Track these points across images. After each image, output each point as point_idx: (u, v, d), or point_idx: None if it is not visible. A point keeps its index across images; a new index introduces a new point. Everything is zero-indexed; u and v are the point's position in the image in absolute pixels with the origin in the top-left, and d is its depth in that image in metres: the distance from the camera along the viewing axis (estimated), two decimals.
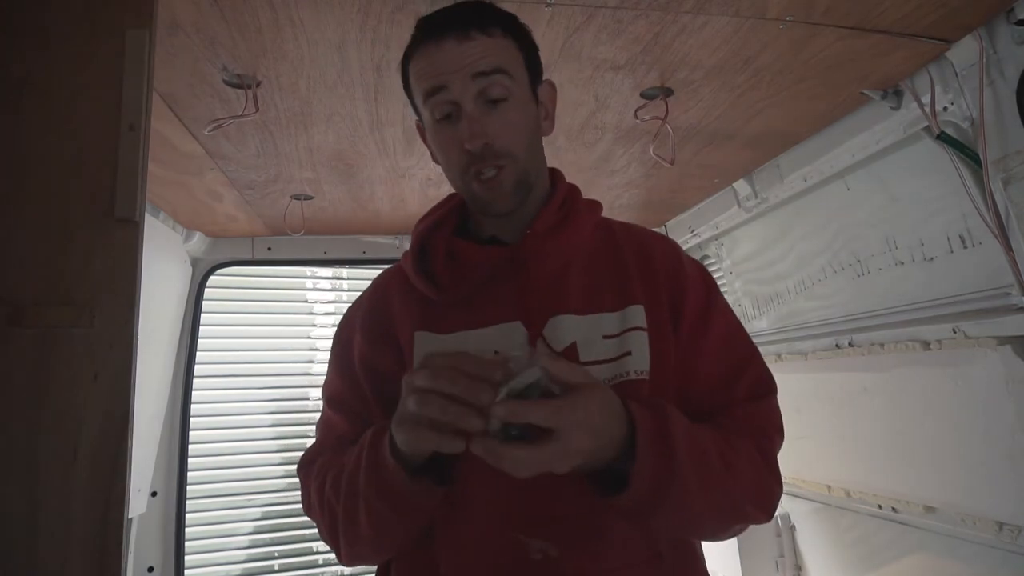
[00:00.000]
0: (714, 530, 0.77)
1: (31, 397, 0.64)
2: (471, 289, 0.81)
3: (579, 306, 0.80)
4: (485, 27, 0.75)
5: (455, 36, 0.74)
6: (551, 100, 0.86)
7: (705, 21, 0.98)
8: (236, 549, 2.42)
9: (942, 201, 1.31)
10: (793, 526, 1.92)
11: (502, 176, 0.77)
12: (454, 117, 0.76)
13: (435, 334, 0.81)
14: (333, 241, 2.15)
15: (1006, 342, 1.18)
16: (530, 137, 0.80)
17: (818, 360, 1.70)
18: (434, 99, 0.76)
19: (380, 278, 0.94)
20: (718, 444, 0.72)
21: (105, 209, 0.68)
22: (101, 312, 0.66)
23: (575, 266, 0.84)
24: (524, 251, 0.81)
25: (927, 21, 1.01)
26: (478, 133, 0.74)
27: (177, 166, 1.46)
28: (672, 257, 0.87)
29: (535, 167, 0.83)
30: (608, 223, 0.93)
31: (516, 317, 0.79)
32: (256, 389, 2.49)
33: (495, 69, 0.74)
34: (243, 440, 2.46)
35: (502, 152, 0.76)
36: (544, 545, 0.71)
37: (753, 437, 0.77)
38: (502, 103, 0.76)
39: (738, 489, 0.72)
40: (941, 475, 1.36)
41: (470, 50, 0.74)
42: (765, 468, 0.77)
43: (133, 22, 0.71)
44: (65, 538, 0.62)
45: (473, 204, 0.83)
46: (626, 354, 0.77)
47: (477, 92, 0.74)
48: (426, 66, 0.76)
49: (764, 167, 1.69)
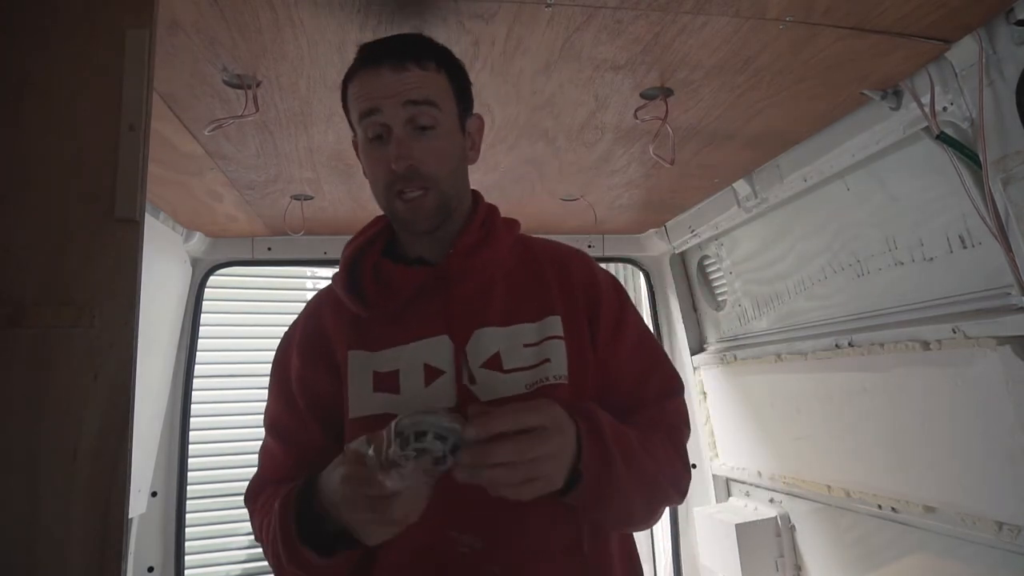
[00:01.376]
0: (644, 514, 0.84)
1: (31, 397, 0.64)
2: (399, 307, 0.87)
3: (500, 318, 0.86)
4: (420, 60, 0.81)
5: (391, 66, 0.80)
6: (478, 132, 0.92)
7: (705, 21, 0.98)
8: (236, 549, 2.42)
9: (942, 201, 1.31)
10: (793, 526, 1.92)
11: (425, 200, 0.82)
12: (384, 139, 0.82)
13: (368, 352, 0.86)
14: (333, 241, 2.15)
15: (1006, 342, 1.18)
16: (454, 165, 0.86)
17: (818, 360, 1.70)
18: (368, 120, 0.82)
19: (313, 300, 0.98)
20: (636, 434, 0.80)
21: (105, 209, 0.68)
22: (101, 312, 0.66)
23: (496, 281, 0.89)
24: (447, 269, 0.86)
25: (927, 21, 1.01)
26: (404, 155, 0.80)
27: (177, 166, 1.46)
28: (587, 270, 0.94)
29: (457, 192, 0.88)
30: (526, 240, 0.98)
31: (443, 331, 0.84)
32: (256, 389, 2.49)
33: (425, 100, 0.81)
34: (243, 440, 2.46)
35: (426, 175, 0.82)
36: (471, 540, 0.77)
37: (663, 428, 0.86)
38: (430, 131, 0.82)
39: (658, 470, 0.80)
40: (941, 475, 1.36)
41: (404, 80, 0.80)
42: (676, 454, 0.86)
43: (133, 22, 0.71)
44: (65, 538, 0.62)
45: (396, 222, 0.89)
46: (545, 361, 0.83)
47: (407, 118, 0.80)
48: (362, 90, 0.82)
49: (764, 167, 1.69)
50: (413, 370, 0.83)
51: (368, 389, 0.83)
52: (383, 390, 0.83)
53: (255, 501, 0.88)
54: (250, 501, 0.90)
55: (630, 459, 0.76)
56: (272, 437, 0.91)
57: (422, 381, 0.82)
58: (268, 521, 0.80)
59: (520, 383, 0.82)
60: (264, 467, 0.92)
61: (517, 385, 0.82)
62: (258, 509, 0.86)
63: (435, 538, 0.77)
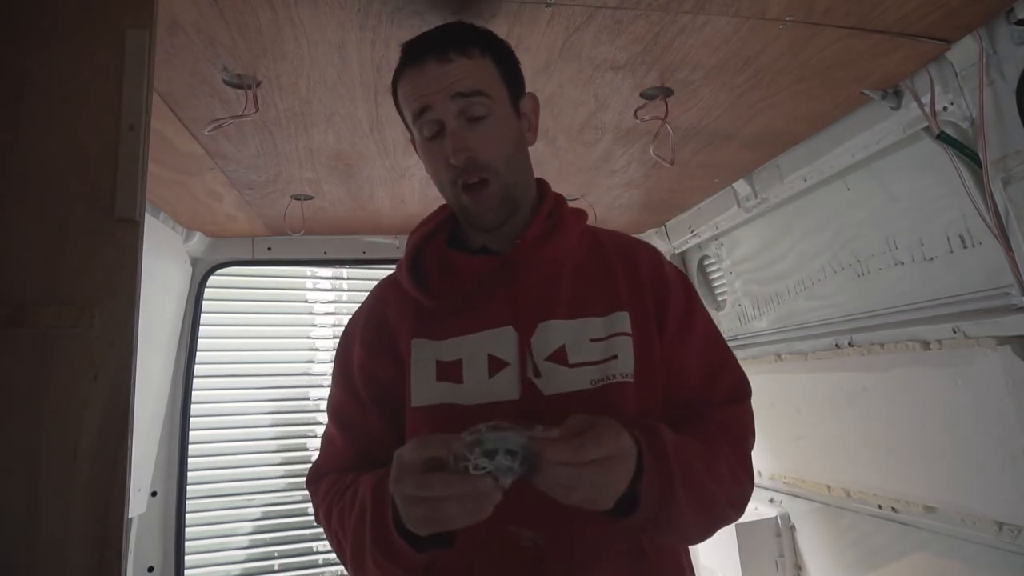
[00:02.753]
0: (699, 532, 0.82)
1: (31, 397, 0.64)
2: (463, 296, 0.85)
3: (567, 311, 0.84)
4: (464, 48, 0.80)
5: (435, 59, 0.79)
6: (534, 112, 0.90)
7: (705, 21, 0.98)
8: (236, 549, 2.42)
9: (942, 201, 1.31)
10: (793, 526, 1.92)
11: (487, 190, 0.81)
12: (440, 135, 0.81)
13: (432, 340, 0.85)
14: (333, 241, 2.15)
15: (1006, 342, 1.18)
16: (512, 150, 0.84)
17: (818, 360, 1.70)
18: (421, 119, 0.81)
19: (376, 289, 0.97)
20: (701, 453, 0.77)
21: (105, 209, 0.68)
22: (101, 312, 0.66)
23: (563, 273, 0.87)
24: (514, 259, 0.85)
25: (927, 21, 1.01)
26: (461, 148, 0.79)
27: (177, 166, 1.46)
28: (655, 264, 0.91)
29: (520, 180, 0.86)
30: (594, 231, 0.96)
31: (508, 322, 0.83)
32: (256, 389, 2.49)
33: (473, 91, 0.79)
34: (243, 440, 2.46)
35: (484, 165, 0.80)
36: (534, 535, 0.76)
37: (729, 439, 0.83)
38: (483, 120, 0.80)
39: (719, 491, 0.77)
40: (941, 475, 1.36)
41: (450, 72, 0.78)
42: (740, 468, 0.83)
43: (133, 22, 0.71)
44: (65, 538, 0.62)
45: (462, 217, 0.87)
46: (612, 357, 0.82)
47: (458, 111, 0.79)
48: (410, 89, 0.81)
49: (764, 167, 1.69)
50: (477, 360, 0.82)
51: (431, 378, 0.82)
52: (446, 379, 0.82)
53: (317, 485, 0.89)
54: (312, 484, 0.90)
55: (691, 485, 0.73)
56: (334, 425, 0.91)
57: (486, 372, 0.81)
58: (342, 508, 0.79)
59: (585, 378, 0.80)
60: (325, 454, 0.92)
61: (582, 380, 0.80)
62: (323, 494, 0.86)
63: (496, 532, 0.75)
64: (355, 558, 0.77)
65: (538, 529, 0.76)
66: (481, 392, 0.80)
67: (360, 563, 0.76)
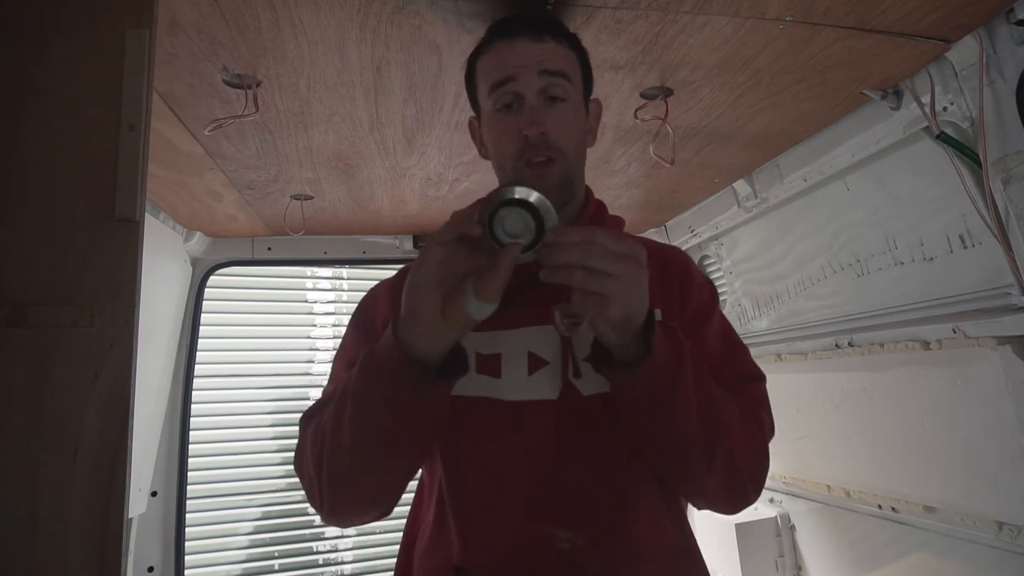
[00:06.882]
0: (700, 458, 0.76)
1: (31, 397, 0.64)
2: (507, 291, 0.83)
3: None
4: (556, 35, 0.83)
5: (529, 36, 0.81)
6: (596, 117, 0.93)
7: (705, 21, 0.98)
8: (236, 549, 2.42)
9: (942, 201, 1.31)
10: (793, 526, 1.92)
11: (552, 169, 0.81)
12: (515, 108, 0.82)
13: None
14: (333, 241, 2.15)
15: (1006, 342, 1.18)
16: (579, 139, 0.86)
17: (818, 360, 1.70)
18: (500, 90, 0.82)
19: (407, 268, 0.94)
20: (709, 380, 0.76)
21: (105, 209, 0.68)
22: (101, 312, 0.66)
23: None
24: None
25: (927, 21, 1.01)
26: (537, 121, 0.80)
27: (177, 166, 1.46)
28: (684, 266, 0.94)
29: (579, 170, 0.88)
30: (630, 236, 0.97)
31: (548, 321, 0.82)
32: (256, 389, 2.49)
33: (559, 72, 0.81)
34: (243, 440, 2.46)
35: (554, 145, 0.81)
36: (571, 536, 0.75)
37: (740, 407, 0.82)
38: (561, 102, 0.82)
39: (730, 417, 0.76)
40: (941, 475, 1.36)
41: (541, 49, 0.81)
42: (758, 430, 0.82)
43: (133, 22, 0.71)
44: (65, 538, 0.62)
45: None
46: None
47: (541, 88, 0.81)
48: (496, 60, 0.83)
49: (764, 167, 1.69)
50: (516, 356, 0.81)
51: (472, 368, 0.80)
52: (484, 372, 0.81)
53: (313, 417, 0.82)
54: (307, 419, 0.83)
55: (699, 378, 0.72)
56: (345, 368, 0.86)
57: (525, 369, 0.80)
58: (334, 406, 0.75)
59: None
60: (331, 390, 0.85)
61: None
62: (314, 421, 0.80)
63: (532, 533, 0.74)
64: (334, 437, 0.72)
65: (575, 530, 0.75)
66: (519, 389, 0.80)
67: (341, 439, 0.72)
